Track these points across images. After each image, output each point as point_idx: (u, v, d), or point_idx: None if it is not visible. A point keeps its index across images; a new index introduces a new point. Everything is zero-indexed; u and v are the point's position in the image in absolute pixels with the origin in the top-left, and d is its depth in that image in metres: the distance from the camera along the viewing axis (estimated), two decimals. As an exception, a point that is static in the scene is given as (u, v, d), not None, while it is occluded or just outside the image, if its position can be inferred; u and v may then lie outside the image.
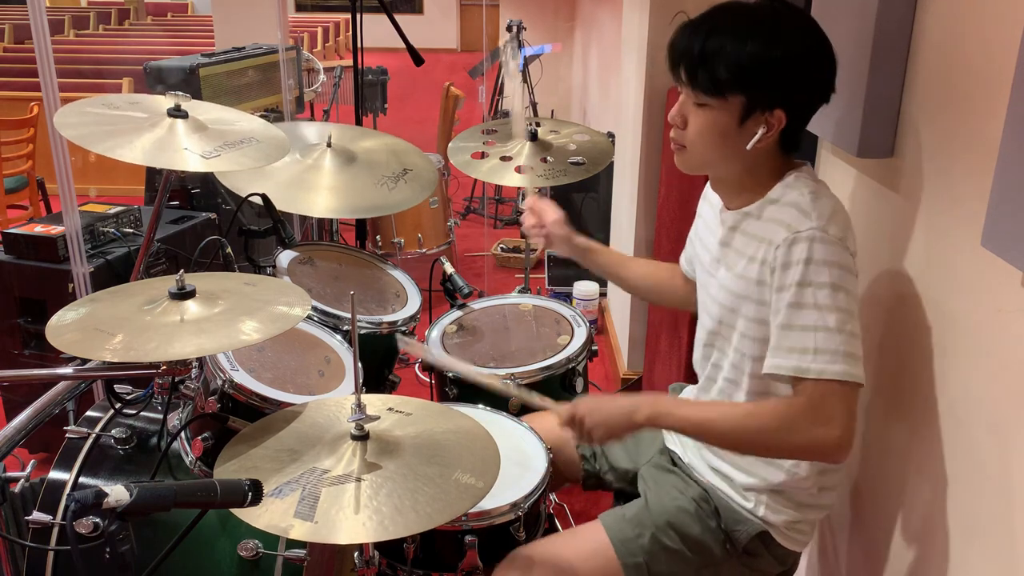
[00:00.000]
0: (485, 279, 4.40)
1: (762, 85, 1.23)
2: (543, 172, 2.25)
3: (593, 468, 1.69)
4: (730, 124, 1.26)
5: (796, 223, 1.23)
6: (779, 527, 1.40)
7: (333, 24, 12.43)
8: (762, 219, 1.30)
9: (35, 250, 2.54)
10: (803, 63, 1.23)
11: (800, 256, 1.21)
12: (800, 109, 1.27)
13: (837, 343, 1.19)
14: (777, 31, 1.22)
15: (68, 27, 11.14)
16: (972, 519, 1.15)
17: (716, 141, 1.28)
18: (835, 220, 1.23)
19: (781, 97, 1.24)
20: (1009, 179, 0.98)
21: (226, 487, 1.01)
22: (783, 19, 1.23)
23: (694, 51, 1.24)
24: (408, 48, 2.71)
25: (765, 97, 1.23)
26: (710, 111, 1.26)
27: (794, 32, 1.23)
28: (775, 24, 1.23)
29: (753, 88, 1.23)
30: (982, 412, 1.13)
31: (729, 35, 1.22)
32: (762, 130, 1.25)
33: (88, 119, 1.61)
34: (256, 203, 1.84)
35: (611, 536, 1.44)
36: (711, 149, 1.30)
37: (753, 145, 1.26)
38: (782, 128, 1.26)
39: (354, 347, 1.30)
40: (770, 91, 1.23)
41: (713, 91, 1.24)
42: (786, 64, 1.22)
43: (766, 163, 1.31)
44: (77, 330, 1.26)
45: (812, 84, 1.26)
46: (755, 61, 1.21)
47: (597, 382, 3.29)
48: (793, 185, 1.28)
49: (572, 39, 7.31)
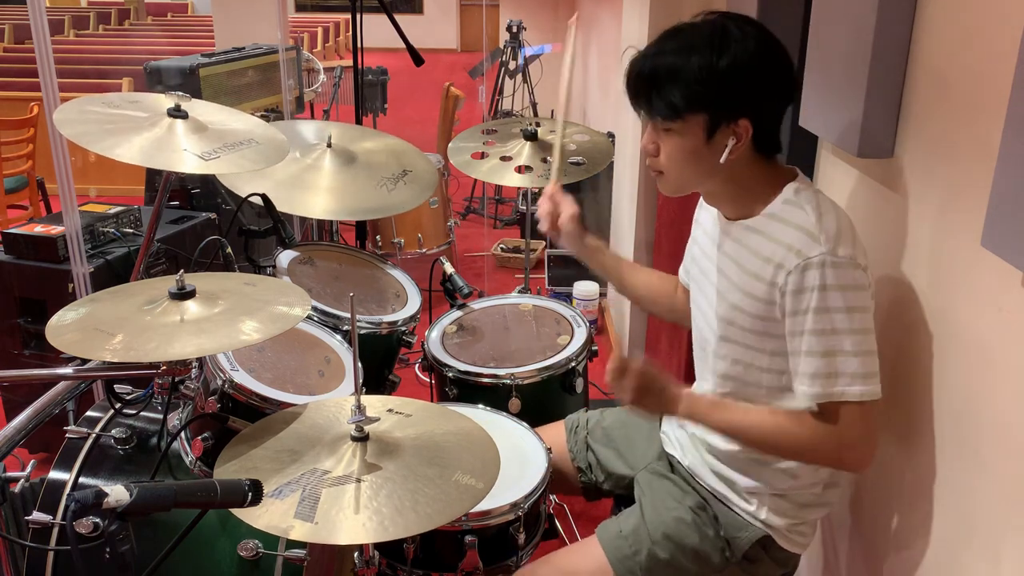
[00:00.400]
0: (485, 279, 4.40)
1: (718, 99, 1.24)
2: (543, 172, 2.25)
3: (590, 480, 1.69)
4: (698, 143, 1.27)
5: (806, 248, 1.22)
6: (781, 530, 1.40)
7: (333, 24, 12.42)
8: (767, 236, 1.28)
9: (35, 250, 2.54)
10: (753, 69, 1.23)
11: (813, 283, 1.21)
12: (764, 114, 1.27)
13: (856, 366, 1.21)
14: (720, 42, 1.22)
15: (68, 27, 11.14)
16: (972, 519, 1.15)
17: (689, 162, 1.29)
18: (843, 239, 1.22)
19: (741, 106, 1.24)
20: (1009, 179, 0.98)
21: (226, 487, 1.01)
22: (725, 29, 1.23)
23: (645, 80, 1.26)
24: (408, 48, 2.71)
25: (725, 110, 1.24)
26: (676, 134, 1.27)
27: (738, 40, 1.23)
28: (718, 36, 1.23)
29: (710, 104, 1.24)
30: (982, 412, 1.13)
31: (674, 57, 1.23)
32: (731, 142, 1.26)
33: (88, 117, 1.61)
34: (256, 203, 1.84)
35: (608, 555, 1.44)
36: (687, 170, 1.31)
37: (726, 158, 1.26)
38: (752, 135, 1.26)
39: (354, 347, 1.30)
40: (728, 103, 1.24)
41: (672, 115, 1.25)
42: (736, 73, 1.22)
43: (748, 171, 1.31)
44: (77, 330, 1.27)
45: (768, 88, 1.26)
46: (704, 76, 1.22)
47: (597, 382, 3.29)
48: (795, 201, 1.27)
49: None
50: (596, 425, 1.72)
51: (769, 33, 1.25)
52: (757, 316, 1.29)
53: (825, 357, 1.22)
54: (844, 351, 1.21)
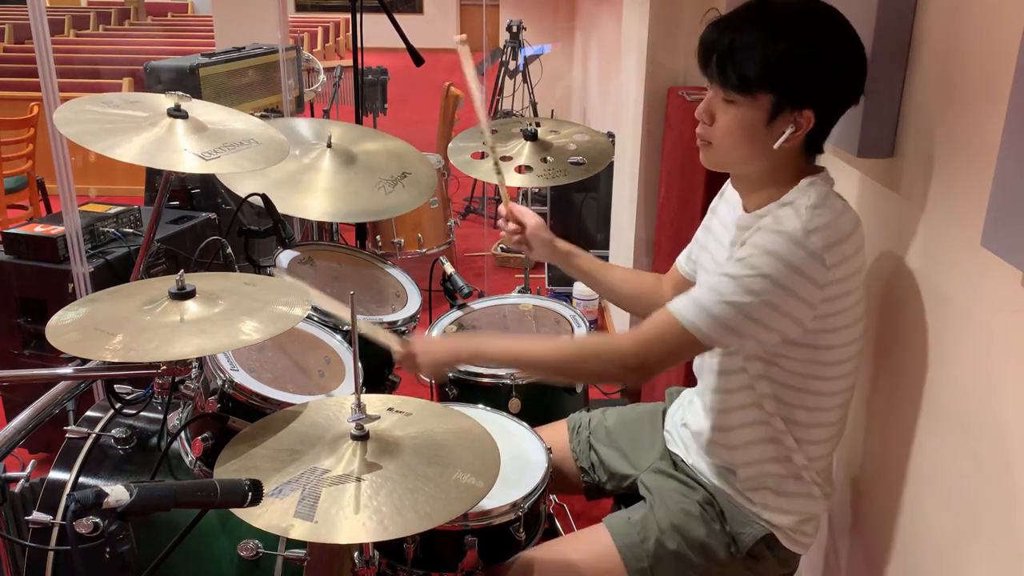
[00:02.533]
0: (485, 279, 4.40)
1: (792, 84, 1.21)
2: (543, 172, 2.25)
3: (592, 480, 1.69)
4: (758, 122, 1.24)
5: (785, 221, 1.22)
6: (784, 529, 1.40)
7: (333, 24, 12.42)
8: (772, 217, 1.27)
9: (35, 250, 2.54)
10: (834, 63, 1.22)
11: (761, 241, 1.21)
12: (829, 110, 1.26)
13: (712, 302, 1.22)
14: (809, 29, 1.21)
15: (68, 27, 11.14)
16: (972, 519, 1.15)
17: (743, 139, 1.27)
18: (823, 232, 1.20)
19: (811, 97, 1.22)
20: (1009, 179, 0.98)
21: (226, 487, 1.01)
22: (815, 17, 1.22)
23: (723, 47, 1.22)
24: (408, 48, 2.71)
25: (794, 97, 1.22)
26: (738, 108, 1.25)
27: (826, 31, 1.22)
28: (807, 22, 1.21)
29: (783, 87, 1.21)
30: (982, 412, 1.13)
31: (760, 32, 1.21)
32: (790, 129, 1.24)
33: (87, 117, 1.61)
34: (256, 203, 1.84)
35: (616, 541, 1.44)
36: (738, 146, 1.28)
37: (780, 144, 1.24)
38: (810, 129, 1.24)
39: (354, 347, 1.30)
40: (800, 91, 1.22)
41: (742, 88, 1.22)
42: (817, 64, 1.20)
43: (789, 163, 1.30)
44: (77, 330, 1.26)
45: (842, 85, 1.25)
46: (785, 60, 1.20)
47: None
48: (805, 191, 1.27)
49: (572, 39, 7.31)
50: (599, 425, 1.72)
51: (852, 30, 1.24)
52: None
53: (703, 288, 1.25)
54: (720, 292, 1.22)
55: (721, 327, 1.22)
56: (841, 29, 1.23)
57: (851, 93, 1.27)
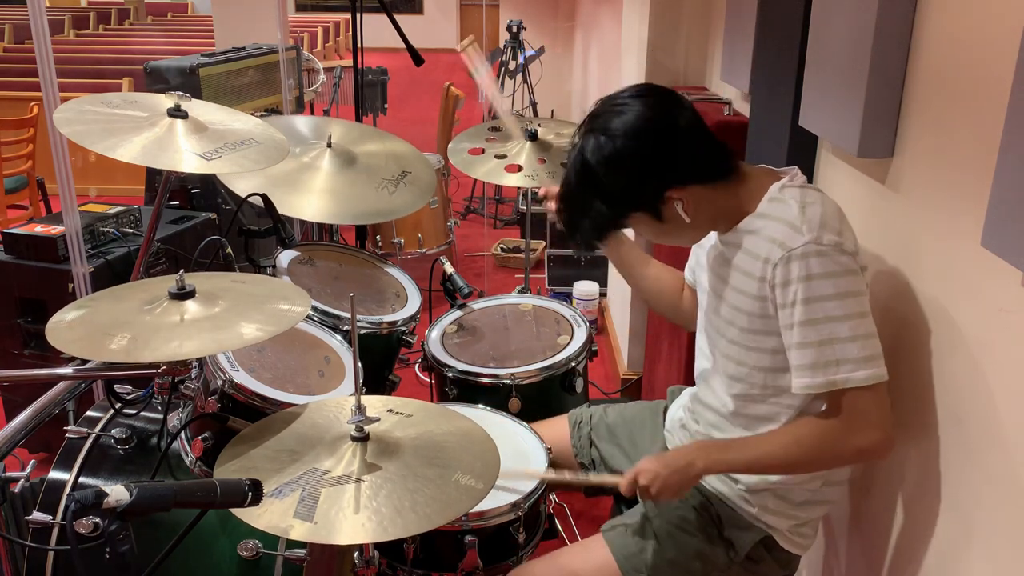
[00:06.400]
0: (485, 279, 4.40)
1: (632, 204, 1.28)
2: (542, 172, 2.25)
3: None
4: (656, 226, 1.32)
5: (789, 240, 1.22)
6: (783, 531, 1.40)
7: (333, 24, 12.42)
8: (757, 234, 1.28)
9: (35, 250, 2.54)
10: (638, 162, 1.25)
11: (798, 274, 1.21)
12: (683, 171, 1.28)
13: (856, 351, 1.20)
14: (607, 166, 1.26)
15: (68, 27, 11.14)
16: (972, 519, 1.15)
17: (666, 235, 1.35)
18: (827, 226, 1.22)
19: (657, 189, 1.27)
20: (1009, 179, 0.98)
21: (226, 487, 1.01)
22: (583, 153, 1.27)
23: (567, 231, 1.35)
24: (408, 48, 2.71)
25: (648, 201, 1.28)
26: (636, 227, 1.34)
27: (601, 153, 1.26)
28: (585, 169, 1.27)
29: (630, 211, 1.29)
30: (982, 412, 1.13)
31: (569, 209, 1.33)
32: (679, 205, 1.28)
33: (87, 117, 1.61)
34: (256, 203, 1.84)
35: (614, 552, 1.44)
36: (672, 239, 1.37)
37: (686, 216, 1.29)
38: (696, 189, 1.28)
39: (354, 347, 1.30)
40: (644, 197, 1.28)
41: (603, 241, 1.35)
42: (635, 174, 1.26)
43: (723, 199, 1.31)
44: (77, 330, 1.26)
45: (668, 160, 1.27)
46: (608, 204, 1.28)
47: (597, 382, 3.29)
48: (779, 198, 1.28)
49: (572, 39, 7.30)
50: (600, 421, 1.72)
51: (648, 112, 1.26)
52: (754, 315, 1.29)
53: (821, 347, 1.21)
54: (840, 338, 1.20)
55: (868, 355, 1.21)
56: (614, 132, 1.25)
57: (690, 150, 1.28)
